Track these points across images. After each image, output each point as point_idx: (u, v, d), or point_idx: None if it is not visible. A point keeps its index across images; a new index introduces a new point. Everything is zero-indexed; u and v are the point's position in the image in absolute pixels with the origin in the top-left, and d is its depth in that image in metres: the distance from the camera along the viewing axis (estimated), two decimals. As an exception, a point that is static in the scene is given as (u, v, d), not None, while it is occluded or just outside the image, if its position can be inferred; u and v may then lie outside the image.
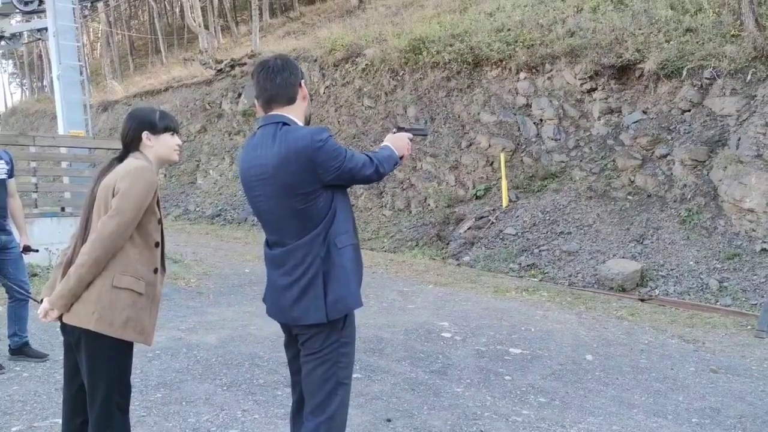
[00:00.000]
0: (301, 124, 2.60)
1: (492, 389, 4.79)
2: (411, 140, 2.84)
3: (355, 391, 4.52)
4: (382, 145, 2.75)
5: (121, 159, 2.77)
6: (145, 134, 2.75)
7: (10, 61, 54.66)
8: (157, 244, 2.71)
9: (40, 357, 5.13)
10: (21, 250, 5.09)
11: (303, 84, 2.64)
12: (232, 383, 4.69)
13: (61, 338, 2.72)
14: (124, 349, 2.63)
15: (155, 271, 2.70)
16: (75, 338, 2.62)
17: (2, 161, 5.00)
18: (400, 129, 2.86)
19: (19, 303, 5.12)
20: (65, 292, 2.55)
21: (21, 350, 5.13)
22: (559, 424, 4.14)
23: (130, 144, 2.78)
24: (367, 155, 2.57)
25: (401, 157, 2.75)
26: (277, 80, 2.57)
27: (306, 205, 2.46)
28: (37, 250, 5.23)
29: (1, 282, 4.90)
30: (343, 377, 2.53)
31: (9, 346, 5.16)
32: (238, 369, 5.03)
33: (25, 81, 55.27)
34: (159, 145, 2.77)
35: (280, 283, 2.55)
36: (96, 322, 2.54)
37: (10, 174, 5.08)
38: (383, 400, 4.45)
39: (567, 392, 4.79)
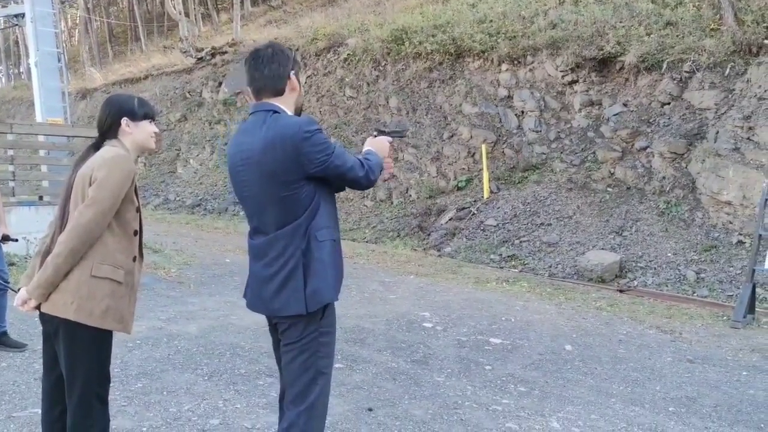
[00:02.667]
0: (290, 114, 2.59)
1: (472, 379, 4.83)
2: (390, 143, 2.84)
3: (337, 381, 4.54)
4: (365, 150, 2.73)
5: (97, 147, 2.73)
6: (124, 121, 2.71)
7: (-15, 48, 53.64)
8: (135, 233, 2.69)
9: (19, 347, 5.08)
10: (0, 239, 5.02)
11: (293, 75, 2.60)
12: (213, 373, 4.69)
13: (40, 328, 2.70)
14: (104, 338, 2.61)
15: (134, 259, 2.68)
16: (53, 328, 2.60)
17: None
18: (380, 132, 2.85)
19: None
20: (42, 282, 2.52)
21: (-1, 340, 5.08)
22: (538, 413, 4.18)
23: (107, 131, 2.73)
24: (359, 159, 2.57)
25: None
26: (265, 71, 2.56)
27: (288, 193, 2.45)
28: (16, 240, 5.16)
29: None
30: (323, 366, 2.54)
31: None
32: (219, 359, 5.02)
33: (1, 68, 54.33)
34: (138, 132, 2.74)
35: (262, 274, 2.56)
36: (75, 311, 2.52)
37: None
38: (365, 390, 4.47)
39: (546, 382, 4.84)
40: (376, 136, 2.84)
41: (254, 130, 2.52)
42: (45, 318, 2.62)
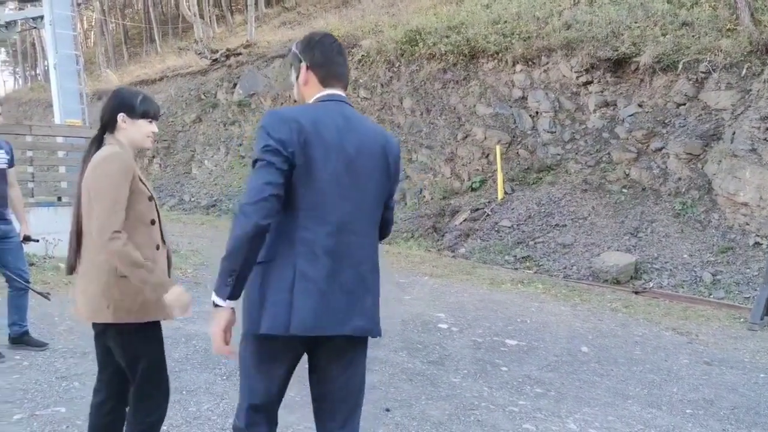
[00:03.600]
0: None
1: (489, 380, 4.85)
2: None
3: (354, 381, 4.57)
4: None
5: (98, 140, 2.73)
6: (120, 116, 2.69)
7: (2, 50, 54.20)
8: (153, 222, 2.69)
9: (40, 346, 5.15)
10: (21, 239, 5.09)
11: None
12: (231, 373, 4.73)
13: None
14: (151, 330, 2.67)
15: (157, 247, 2.69)
16: (101, 328, 2.68)
17: (2, 151, 5.00)
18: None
19: (18, 292, 5.12)
20: (150, 292, 2.56)
21: (21, 339, 5.14)
22: (555, 415, 4.19)
23: (107, 124, 2.73)
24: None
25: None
26: (346, 59, 2.42)
27: (385, 200, 2.35)
28: (36, 240, 5.25)
29: (1, 271, 4.91)
30: None
31: (8, 335, 5.17)
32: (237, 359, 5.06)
33: (17, 69, 54.88)
34: (133, 130, 2.71)
35: (359, 282, 2.22)
36: (113, 314, 2.57)
37: (10, 164, 5.09)
38: (382, 390, 4.50)
39: (563, 383, 4.85)
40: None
41: (356, 120, 2.28)
42: (95, 327, 2.71)
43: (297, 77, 2.38)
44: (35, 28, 15.80)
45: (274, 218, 2.08)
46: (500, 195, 12.45)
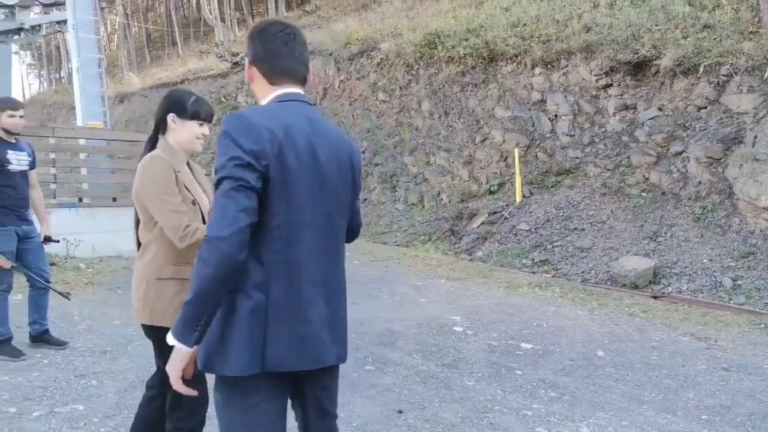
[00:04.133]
0: None
1: (503, 383, 4.84)
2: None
3: (367, 383, 4.61)
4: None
5: (153, 140, 2.77)
6: (171, 116, 2.70)
7: (28, 53, 55.09)
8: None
9: (60, 344, 5.23)
10: (42, 240, 5.19)
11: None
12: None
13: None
14: None
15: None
16: (145, 331, 2.75)
17: (24, 153, 5.09)
18: None
19: (39, 291, 5.21)
20: None
21: (41, 338, 5.23)
22: (569, 419, 4.18)
23: (159, 124, 2.76)
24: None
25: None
26: (305, 52, 2.12)
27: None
28: (57, 241, 5.35)
29: (22, 271, 5.00)
30: None
31: (29, 333, 5.26)
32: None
33: (42, 72, 55.70)
34: (183, 131, 2.71)
35: (336, 309, 2.04)
36: (149, 316, 2.64)
37: (32, 165, 5.17)
38: (395, 392, 4.51)
39: (577, 387, 4.83)
40: None
41: (321, 124, 2.03)
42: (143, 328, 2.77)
43: None
44: (59, 31, 16.04)
45: (247, 250, 1.79)
46: (518, 198, 12.42)
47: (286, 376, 1.94)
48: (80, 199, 9.47)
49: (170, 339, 1.84)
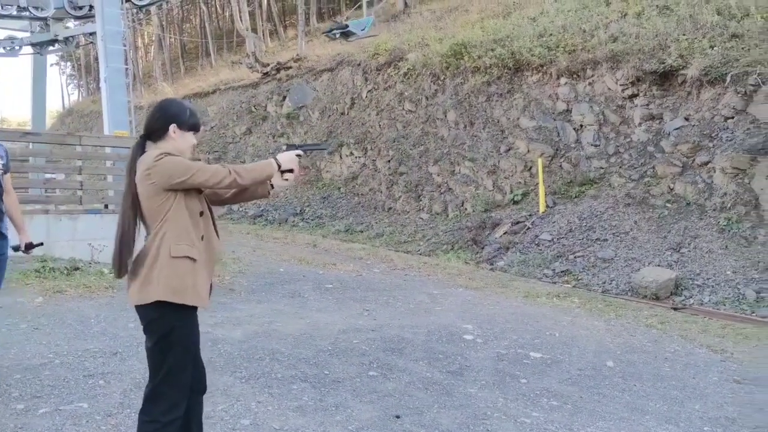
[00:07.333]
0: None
1: (506, 391, 4.82)
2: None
3: (369, 388, 4.63)
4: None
5: (141, 147, 2.86)
6: (172, 127, 2.83)
7: (69, 63, 56.49)
8: (201, 213, 2.86)
9: None
10: (23, 248, 4.53)
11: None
12: (251, 376, 4.83)
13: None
14: (188, 315, 2.80)
15: (201, 238, 2.83)
16: (142, 311, 2.78)
17: None
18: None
19: None
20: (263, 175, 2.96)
21: None
22: (567, 427, 4.15)
23: (154, 133, 2.86)
24: None
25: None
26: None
27: None
28: (41, 244, 4.66)
29: None
30: None
31: None
32: (259, 363, 5.17)
33: (81, 82, 57.04)
34: (182, 141, 2.87)
35: None
36: (163, 291, 2.69)
37: (6, 169, 4.47)
38: (395, 398, 4.53)
39: (581, 397, 4.79)
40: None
41: None
42: (139, 312, 2.81)
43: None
44: (92, 43, 16.49)
45: None
46: (542, 208, 12.35)
47: None
48: (106, 206, 9.69)
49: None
